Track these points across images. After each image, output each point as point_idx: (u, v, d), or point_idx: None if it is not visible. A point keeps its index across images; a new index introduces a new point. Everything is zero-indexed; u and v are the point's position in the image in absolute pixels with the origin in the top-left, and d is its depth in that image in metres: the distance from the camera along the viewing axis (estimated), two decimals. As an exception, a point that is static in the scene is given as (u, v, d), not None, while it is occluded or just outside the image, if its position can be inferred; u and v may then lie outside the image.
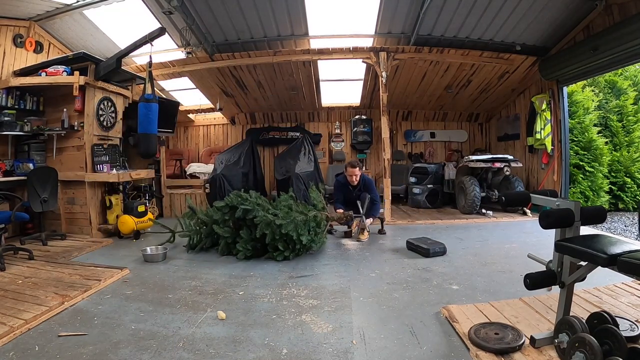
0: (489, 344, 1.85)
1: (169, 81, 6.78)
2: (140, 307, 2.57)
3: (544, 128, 5.95)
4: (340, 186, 4.85)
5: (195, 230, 4.11)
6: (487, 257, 3.65)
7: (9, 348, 2.01)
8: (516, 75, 6.39)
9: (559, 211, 1.72)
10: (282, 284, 3.02)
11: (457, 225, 5.39)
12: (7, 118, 4.42)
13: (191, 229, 4.13)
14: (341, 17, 5.23)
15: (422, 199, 6.62)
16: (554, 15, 4.96)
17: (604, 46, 4.59)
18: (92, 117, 4.71)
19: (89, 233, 4.69)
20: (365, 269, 3.37)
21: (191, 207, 4.22)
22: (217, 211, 3.94)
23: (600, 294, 2.48)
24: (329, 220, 4.17)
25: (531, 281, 1.78)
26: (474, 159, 5.93)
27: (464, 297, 2.65)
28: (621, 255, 1.44)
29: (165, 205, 6.51)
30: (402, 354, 1.92)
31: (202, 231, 4.07)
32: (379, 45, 5.65)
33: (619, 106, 7.03)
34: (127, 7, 4.73)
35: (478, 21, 5.12)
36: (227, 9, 4.92)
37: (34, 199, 3.97)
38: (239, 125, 8.33)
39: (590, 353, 1.51)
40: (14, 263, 3.47)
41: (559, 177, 5.80)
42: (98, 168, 4.74)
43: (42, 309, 2.42)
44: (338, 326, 2.25)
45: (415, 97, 7.48)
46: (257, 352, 1.96)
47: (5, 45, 4.63)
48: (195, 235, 4.09)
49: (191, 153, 8.43)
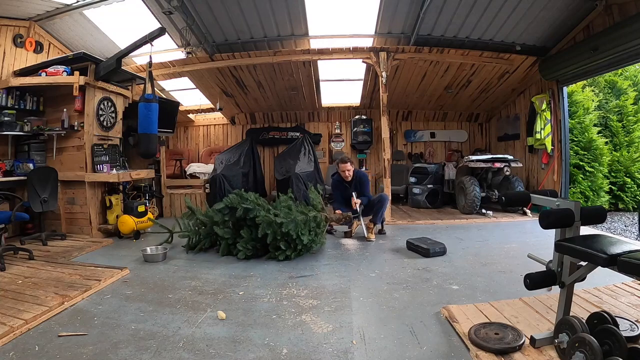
0: (489, 344, 1.85)
1: (169, 81, 6.78)
2: (140, 307, 2.57)
3: (544, 128, 5.95)
4: (337, 185, 4.84)
5: (194, 231, 4.10)
6: (487, 257, 3.66)
7: (9, 348, 2.01)
8: (516, 75, 6.39)
9: (559, 211, 1.72)
10: (282, 284, 3.02)
11: (457, 225, 5.39)
12: (7, 118, 4.43)
13: (190, 230, 4.12)
14: (341, 17, 5.23)
15: (422, 199, 6.62)
16: (554, 15, 4.96)
17: (604, 46, 4.59)
18: (92, 117, 4.71)
19: (89, 233, 4.69)
20: (365, 269, 3.37)
21: (190, 207, 4.22)
22: (217, 213, 3.94)
23: (600, 294, 2.48)
24: (327, 221, 4.17)
25: (531, 281, 1.78)
26: (474, 159, 5.93)
27: (464, 297, 2.65)
28: (621, 255, 1.44)
29: (165, 205, 6.50)
30: (402, 354, 1.92)
31: (201, 231, 4.07)
32: (379, 45, 5.65)
33: (619, 106, 7.02)
34: (127, 7, 4.73)
35: (478, 21, 5.12)
36: (227, 9, 4.92)
37: (34, 199, 3.97)
38: (239, 125, 8.33)
39: (590, 353, 1.51)
40: (14, 263, 3.47)
41: (559, 177, 5.80)
42: (98, 168, 4.74)
43: (42, 309, 2.42)
44: (338, 326, 2.25)
45: (415, 97, 7.48)
46: (257, 352, 1.96)
47: (5, 45, 4.63)
48: (194, 236, 4.09)
49: (191, 153, 8.43)
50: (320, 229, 3.95)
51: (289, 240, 3.65)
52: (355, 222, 4.62)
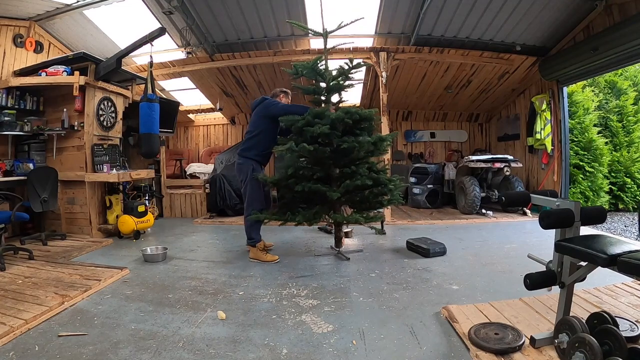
0: (489, 344, 1.85)
1: (169, 81, 6.78)
2: (140, 307, 2.57)
3: (544, 128, 5.95)
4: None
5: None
6: (487, 257, 3.66)
7: (8, 348, 2.01)
8: (516, 76, 6.39)
9: (559, 211, 1.72)
10: (282, 284, 3.02)
11: (457, 225, 5.39)
12: (7, 118, 4.42)
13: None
14: (341, 17, 5.22)
15: (422, 199, 6.62)
16: (554, 16, 4.96)
17: (604, 46, 4.59)
18: (92, 117, 4.71)
19: (89, 233, 4.69)
20: (365, 269, 3.36)
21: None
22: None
23: (600, 294, 2.48)
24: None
25: (531, 281, 1.78)
26: (474, 159, 5.93)
27: (464, 297, 2.65)
28: (621, 255, 1.44)
29: (165, 205, 6.51)
30: (402, 354, 1.92)
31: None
32: (379, 46, 5.66)
33: (619, 106, 7.02)
34: (127, 7, 4.74)
35: (478, 21, 5.12)
36: (227, 9, 4.92)
37: (34, 199, 3.97)
38: (239, 125, 8.33)
39: (590, 353, 1.51)
40: (14, 263, 3.47)
41: (559, 177, 5.80)
42: (98, 168, 4.74)
43: (42, 309, 2.42)
44: (338, 326, 2.25)
45: (415, 97, 7.48)
46: (257, 352, 1.96)
47: (5, 45, 4.63)
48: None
49: (191, 153, 8.44)
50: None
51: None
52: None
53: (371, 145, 3.56)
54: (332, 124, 3.38)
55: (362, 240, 4.48)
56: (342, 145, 3.45)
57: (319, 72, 3.79)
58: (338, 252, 3.85)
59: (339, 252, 3.85)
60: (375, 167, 3.79)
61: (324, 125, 3.31)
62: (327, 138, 3.46)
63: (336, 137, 3.48)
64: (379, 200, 3.80)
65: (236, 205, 6.08)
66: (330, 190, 3.43)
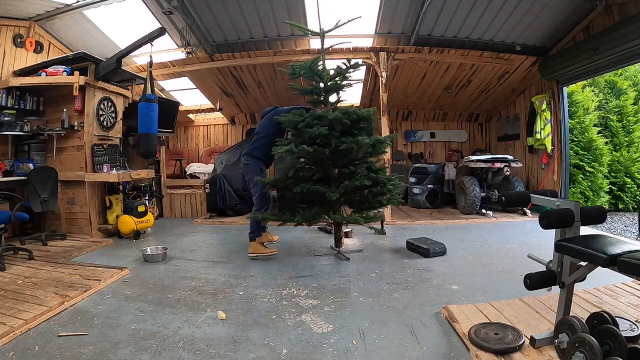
0: (489, 344, 1.85)
1: (169, 81, 6.78)
2: (140, 307, 2.57)
3: (544, 128, 5.95)
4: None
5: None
6: (487, 257, 3.66)
7: (8, 348, 2.01)
8: (516, 76, 6.39)
9: (559, 211, 1.72)
10: (282, 284, 3.02)
11: (457, 225, 5.39)
12: (7, 118, 4.43)
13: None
14: (341, 17, 5.21)
15: (422, 199, 6.62)
16: (554, 16, 4.96)
17: (604, 46, 4.59)
18: (92, 117, 4.71)
19: (89, 233, 4.69)
20: (365, 269, 3.36)
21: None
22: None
23: (600, 294, 2.48)
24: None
25: (531, 281, 1.78)
26: (474, 159, 5.93)
27: (464, 297, 2.65)
28: (621, 255, 1.44)
29: (165, 205, 6.51)
30: (402, 354, 1.92)
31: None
32: (379, 45, 5.66)
33: (619, 106, 7.02)
34: (127, 7, 4.74)
35: (478, 21, 5.12)
36: (227, 9, 4.92)
37: (34, 199, 3.97)
38: (239, 125, 8.33)
39: (590, 353, 1.51)
40: (14, 263, 3.47)
41: (559, 177, 5.80)
42: (98, 168, 4.74)
43: (42, 309, 2.42)
44: (338, 326, 2.25)
45: (415, 97, 7.48)
46: (257, 352, 1.96)
47: (5, 45, 4.63)
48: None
49: (191, 153, 8.44)
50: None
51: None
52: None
53: (369, 147, 3.59)
54: (330, 125, 3.40)
55: (362, 240, 4.48)
56: (340, 146, 3.47)
57: (316, 72, 3.80)
58: (338, 252, 3.86)
59: (338, 252, 3.86)
60: (373, 166, 3.80)
61: (322, 126, 3.33)
62: (326, 139, 3.48)
63: (334, 138, 3.50)
64: (378, 200, 3.81)
65: (236, 205, 6.08)
66: (330, 190, 3.45)
